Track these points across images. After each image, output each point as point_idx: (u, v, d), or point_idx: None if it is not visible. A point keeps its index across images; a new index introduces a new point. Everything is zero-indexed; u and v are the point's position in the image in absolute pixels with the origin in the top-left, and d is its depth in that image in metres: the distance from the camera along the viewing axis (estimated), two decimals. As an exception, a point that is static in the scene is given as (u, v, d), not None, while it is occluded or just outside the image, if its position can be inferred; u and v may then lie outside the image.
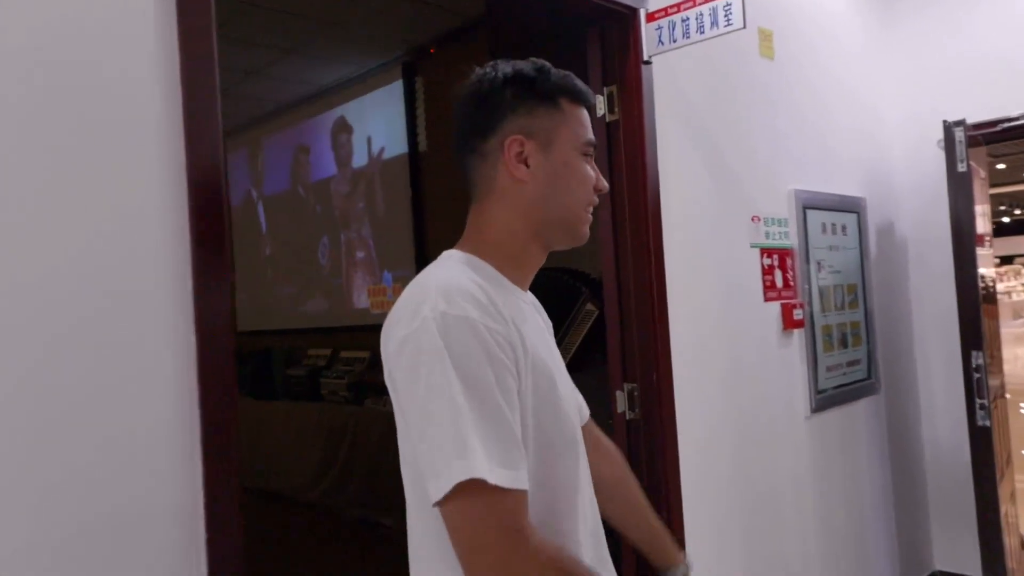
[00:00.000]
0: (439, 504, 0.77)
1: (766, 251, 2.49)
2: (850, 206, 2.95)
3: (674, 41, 2.02)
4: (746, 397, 2.37)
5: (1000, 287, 15.51)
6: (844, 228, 2.91)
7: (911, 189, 3.30)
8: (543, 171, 0.93)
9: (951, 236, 2.66)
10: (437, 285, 0.84)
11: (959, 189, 2.63)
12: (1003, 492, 2.90)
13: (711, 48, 2.36)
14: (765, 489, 2.41)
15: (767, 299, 2.48)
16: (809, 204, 2.70)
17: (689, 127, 2.27)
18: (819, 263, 2.73)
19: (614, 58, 2.10)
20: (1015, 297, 15.09)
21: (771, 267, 2.51)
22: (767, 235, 2.51)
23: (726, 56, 2.44)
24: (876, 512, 2.97)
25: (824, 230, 2.79)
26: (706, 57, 2.35)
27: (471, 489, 0.75)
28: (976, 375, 2.57)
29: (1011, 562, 2.72)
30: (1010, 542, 2.91)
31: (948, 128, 2.63)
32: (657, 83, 2.14)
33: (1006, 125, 2.99)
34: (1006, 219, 21.86)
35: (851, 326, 2.89)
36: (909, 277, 3.32)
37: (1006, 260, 19.18)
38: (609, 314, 2.11)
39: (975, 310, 2.58)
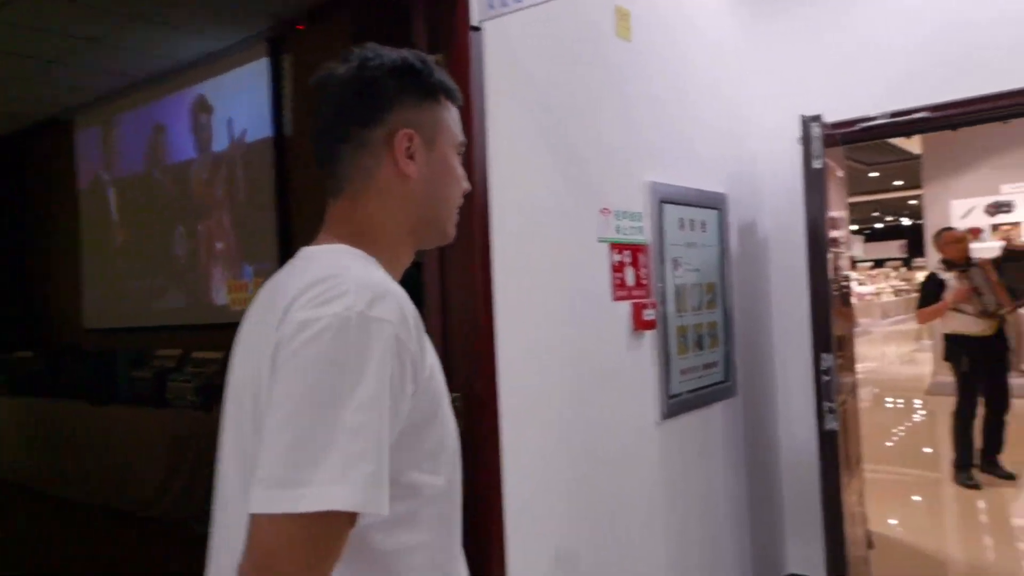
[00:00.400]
0: (265, 514, 0.68)
1: (617, 247, 2.32)
2: (711, 202, 2.84)
3: (505, 5, 1.80)
4: (591, 406, 2.18)
5: (871, 288, 16.51)
6: (704, 225, 2.79)
7: (774, 188, 3.23)
8: (427, 168, 0.91)
9: (805, 234, 2.58)
10: (359, 280, 0.77)
11: (814, 186, 2.55)
12: (851, 490, 2.87)
13: (560, 24, 2.16)
14: (610, 503, 2.24)
15: (616, 298, 2.30)
16: (666, 198, 2.55)
17: (530, 107, 2.06)
18: (675, 261, 2.59)
19: (440, 23, 1.85)
20: (884, 298, 16.07)
21: (622, 264, 2.34)
22: (618, 229, 2.34)
23: (577, 33, 2.24)
24: (730, 518, 2.88)
25: (682, 226, 2.65)
26: (554, 33, 2.14)
27: (319, 520, 0.68)
28: (825, 378, 2.50)
29: (855, 552, 2.69)
30: (855, 537, 2.89)
31: (805, 123, 2.55)
32: (492, 55, 1.91)
33: (864, 125, 2.96)
34: (879, 225, 23.44)
35: (708, 327, 2.78)
36: (770, 277, 3.26)
37: (878, 263, 20.52)
38: (431, 316, 1.86)
39: (826, 311, 2.51)
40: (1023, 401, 6.77)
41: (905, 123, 2.84)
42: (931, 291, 4.41)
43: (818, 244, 2.54)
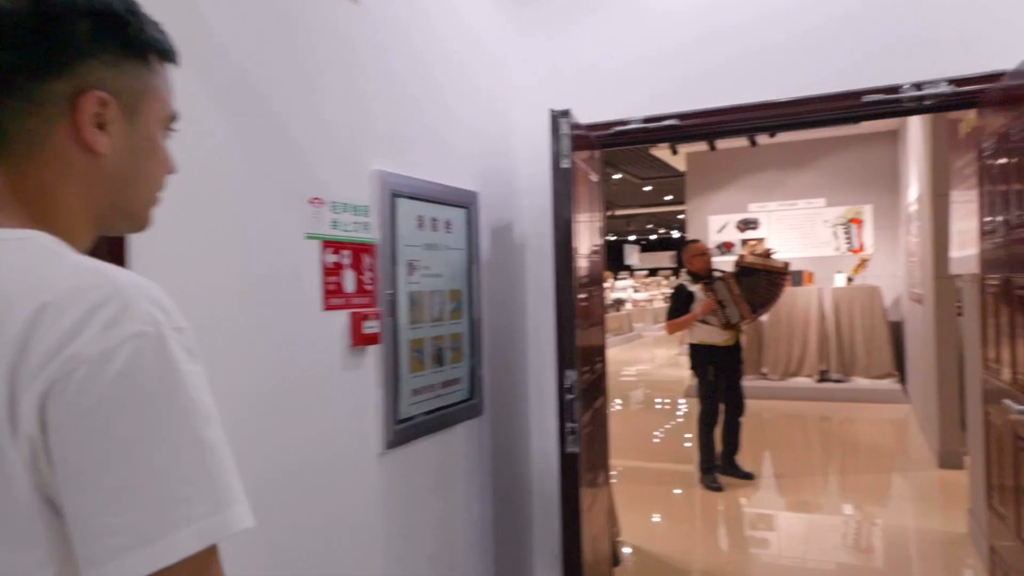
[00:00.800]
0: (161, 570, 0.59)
1: (332, 245, 1.93)
2: (458, 200, 2.55)
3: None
4: (290, 440, 1.76)
5: (646, 295, 17.79)
6: (449, 225, 2.49)
7: (532, 189, 3.04)
8: (125, 145, 0.73)
9: (552, 237, 2.38)
10: (129, 286, 0.64)
11: (562, 187, 2.36)
12: (597, 510, 2.74)
13: (257, -37, 1.73)
14: (318, 552, 1.84)
15: (329, 307, 1.91)
16: (400, 191, 2.21)
17: (210, 62, 1.60)
18: (411, 264, 2.26)
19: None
20: (656, 304, 17.38)
21: (338, 266, 1.95)
22: (335, 224, 1.95)
23: (285, -18, 1.82)
24: (474, 549, 2.61)
25: (421, 225, 2.33)
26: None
27: (207, 556, 0.62)
28: (569, 396, 2.31)
29: (598, 573, 2.56)
30: (600, 557, 2.77)
31: (554, 118, 2.34)
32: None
33: (619, 128, 2.86)
34: (653, 236, 25.60)
35: (451, 339, 2.48)
36: (526, 286, 3.06)
37: (652, 272, 22.33)
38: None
39: (571, 323, 2.33)
40: (768, 402, 7.54)
41: (656, 129, 2.77)
42: (680, 302, 4.56)
43: (565, 250, 2.35)
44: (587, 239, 2.68)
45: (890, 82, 2.50)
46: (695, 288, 4.55)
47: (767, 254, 4.62)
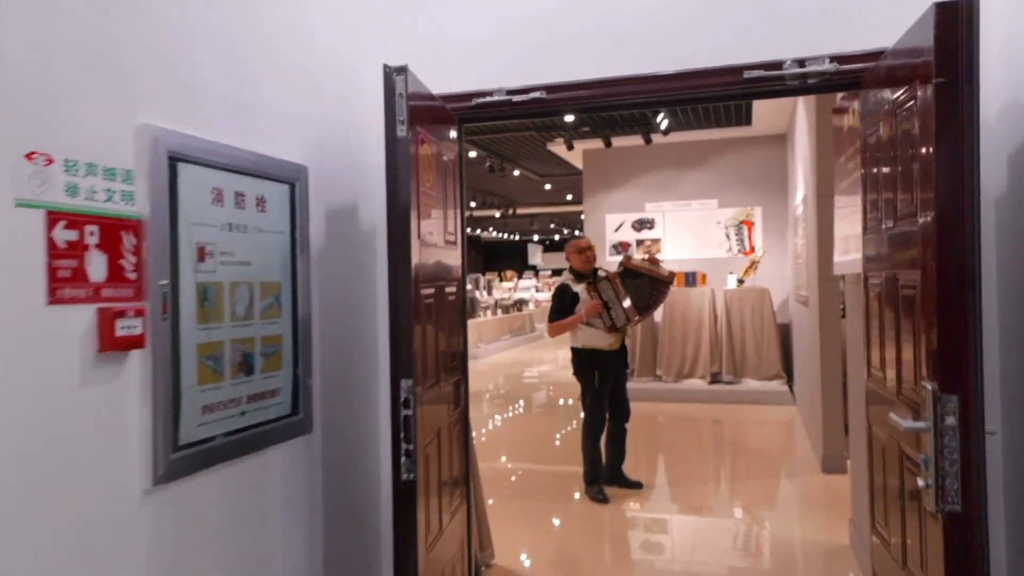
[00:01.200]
0: None
1: (66, 217, 1.45)
2: (278, 173, 2.11)
3: None
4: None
5: (548, 295, 17.67)
6: (262, 202, 2.04)
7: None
8: None
9: (386, 222, 1.98)
10: None
11: (401, 159, 1.95)
12: (450, 537, 2.36)
13: None
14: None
15: (59, 300, 1.43)
16: (184, 155, 1.74)
17: None
18: (202, 248, 1.80)
19: None
20: (558, 305, 17.31)
21: (76, 246, 1.47)
22: (73, 190, 1.47)
23: None
24: (296, 598, 2.17)
25: (219, 200, 1.87)
26: None
27: None
28: (405, 411, 1.91)
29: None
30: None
31: (388, 75, 1.94)
32: None
33: (480, 100, 2.49)
34: (557, 236, 25.66)
35: (266, 343, 2.04)
36: (377, 279, 2.64)
37: (556, 272, 22.33)
38: None
39: (408, 323, 1.93)
40: (662, 405, 7.41)
41: (521, 103, 2.43)
42: (564, 302, 4.24)
43: (402, 236, 1.95)
44: (438, 227, 2.29)
45: (773, 57, 2.25)
46: (579, 288, 4.25)
47: (654, 262, 4.37)
